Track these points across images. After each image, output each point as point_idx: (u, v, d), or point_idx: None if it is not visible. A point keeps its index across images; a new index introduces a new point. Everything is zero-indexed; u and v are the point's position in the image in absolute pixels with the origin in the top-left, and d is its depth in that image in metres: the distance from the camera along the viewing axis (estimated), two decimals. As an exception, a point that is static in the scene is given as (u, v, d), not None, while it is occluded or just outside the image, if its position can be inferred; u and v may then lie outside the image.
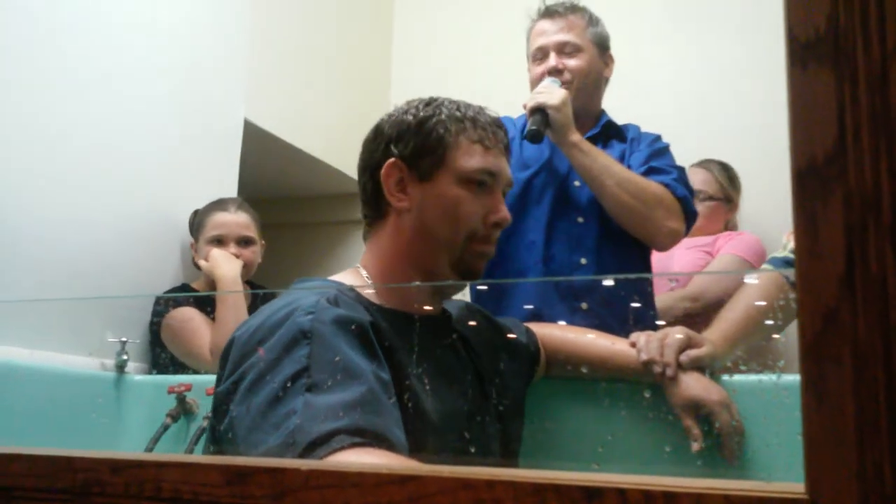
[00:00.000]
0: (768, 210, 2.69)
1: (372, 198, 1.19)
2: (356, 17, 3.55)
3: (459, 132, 1.17)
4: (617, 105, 2.02)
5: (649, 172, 1.76)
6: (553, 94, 1.70)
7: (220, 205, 2.22)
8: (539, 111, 1.68)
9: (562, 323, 1.54)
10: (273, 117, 2.89)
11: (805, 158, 0.39)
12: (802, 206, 0.39)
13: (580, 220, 1.78)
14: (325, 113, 3.22)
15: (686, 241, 2.56)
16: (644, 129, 1.96)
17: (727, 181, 2.62)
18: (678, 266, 2.47)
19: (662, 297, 2.35)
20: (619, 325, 1.59)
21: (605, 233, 1.76)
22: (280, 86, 2.99)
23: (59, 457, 0.56)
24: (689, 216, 1.77)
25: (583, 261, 1.76)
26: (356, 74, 3.46)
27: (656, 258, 2.48)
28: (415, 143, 1.16)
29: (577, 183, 1.79)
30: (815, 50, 0.39)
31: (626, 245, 1.76)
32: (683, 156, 2.57)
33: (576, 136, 1.70)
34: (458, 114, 1.18)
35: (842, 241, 0.37)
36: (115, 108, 2.16)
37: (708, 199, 2.58)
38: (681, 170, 1.82)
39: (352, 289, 1.12)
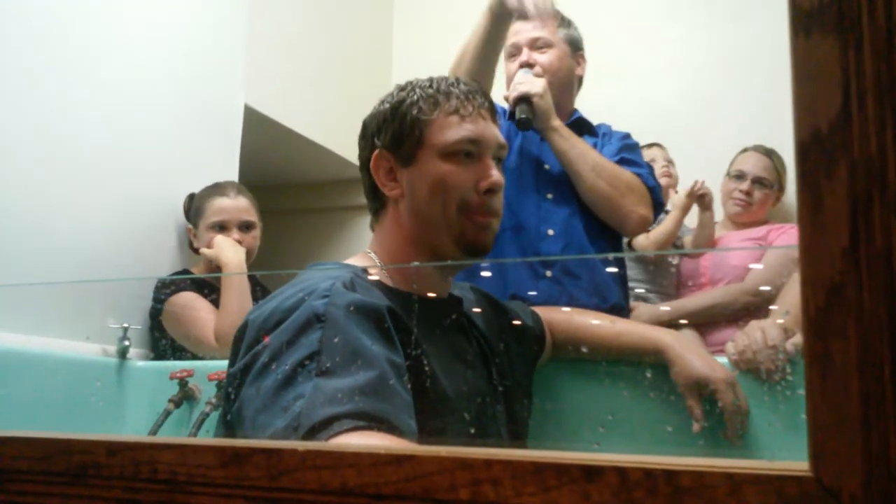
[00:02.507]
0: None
1: (370, 192, 1.21)
2: None
3: (433, 108, 1.16)
4: (620, 89, 2.02)
5: (621, 163, 1.83)
6: (534, 83, 1.76)
7: (218, 189, 2.21)
8: (523, 100, 1.74)
9: (566, 309, 1.54)
10: (273, 102, 2.88)
11: (808, 129, 0.38)
12: (805, 178, 0.38)
13: (549, 196, 1.83)
14: (326, 98, 3.21)
15: (738, 234, 2.58)
16: (646, 113, 1.99)
17: (782, 168, 2.64)
18: (735, 260, 2.50)
19: (722, 290, 2.39)
20: (586, 296, 1.69)
21: (574, 210, 1.81)
22: (280, 71, 2.97)
23: (54, 439, 0.55)
24: (657, 206, 1.85)
25: (550, 231, 1.80)
26: (357, 58, 3.45)
27: (711, 254, 2.50)
28: (393, 130, 1.17)
29: (546, 166, 1.85)
30: (818, 17, 0.38)
31: (595, 220, 1.81)
32: (685, 140, 2.57)
33: (556, 122, 1.77)
34: (430, 90, 1.18)
35: (846, 213, 0.36)
36: (114, 94, 2.15)
37: (768, 187, 2.60)
38: (650, 167, 1.91)
39: (365, 270, 1.12)
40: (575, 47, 1.96)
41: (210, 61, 2.52)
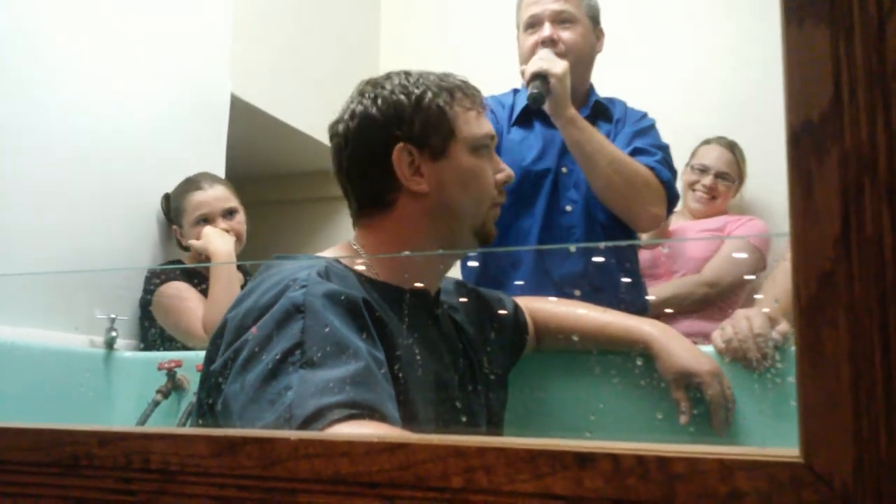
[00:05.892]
0: (760, 183, 2.73)
1: (376, 187, 1.14)
2: (344, -10, 3.52)
3: (455, 102, 1.15)
4: (614, 82, 2.00)
5: (633, 154, 1.75)
6: (555, 62, 1.65)
7: (192, 185, 2.20)
8: (540, 77, 1.63)
9: (552, 299, 1.53)
10: (261, 92, 2.86)
11: (800, 117, 0.38)
12: (797, 166, 0.38)
13: (568, 208, 1.77)
14: (313, 87, 3.20)
15: (695, 225, 2.59)
16: (638, 106, 1.92)
17: (743, 161, 2.66)
18: (692, 251, 2.51)
19: (679, 282, 2.42)
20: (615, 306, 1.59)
21: (591, 223, 1.76)
22: (268, 60, 2.96)
23: (45, 430, 0.55)
24: (672, 200, 1.77)
25: (572, 248, 1.76)
26: (345, 47, 3.44)
27: (668, 243, 2.51)
28: (420, 123, 1.12)
29: (563, 170, 1.78)
30: (810, 7, 0.38)
31: (612, 236, 1.76)
32: (680, 133, 2.57)
33: (572, 111, 1.67)
34: (444, 84, 1.16)
35: (837, 201, 0.37)
36: (101, 84, 2.14)
37: (730, 181, 2.63)
38: (664, 149, 1.80)
39: (337, 261, 1.10)
40: (595, 21, 1.85)
41: (197, 50, 2.50)
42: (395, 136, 1.11)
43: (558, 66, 1.64)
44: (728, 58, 3.00)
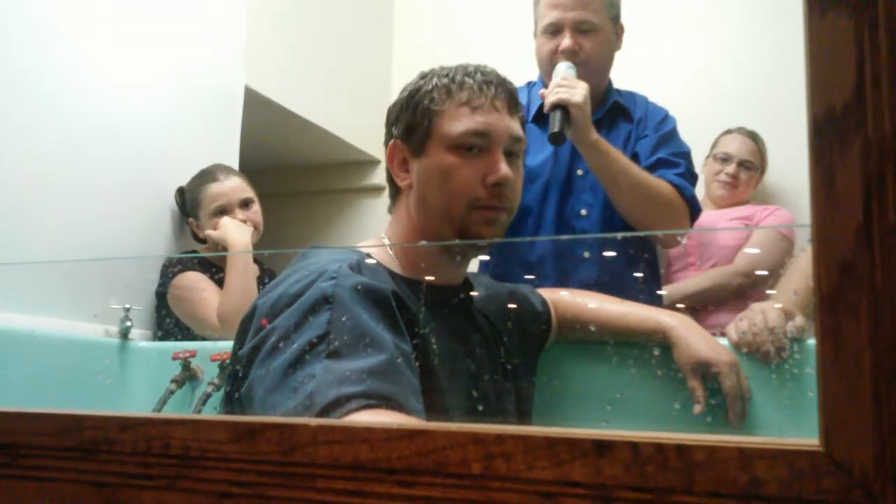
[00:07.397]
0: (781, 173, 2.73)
1: (389, 180, 1.22)
2: (358, -18, 3.51)
3: (445, 99, 1.15)
4: (628, 74, 2.00)
5: (658, 165, 1.74)
6: (575, 89, 1.60)
7: (207, 177, 2.21)
8: (560, 107, 1.58)
9: (572, 290, 1.54)
10: (275, 84, 2.87)
11: (822, 107, 0.38)
12: (819, 156, 0.38)
13: (583, 212, 1.76)
14: (327, 80, 3.20)
15: (723, 214, 2.59)
16: (651, 97, 1.91)
17: (765, 151, 2.68)
18: (723, 239, 2.51)
19: (714, 273, 2.41)
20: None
21: (608, 225, 1.75)
22: (282, 52, 2.96)
23: (66, 415, 0.56)
24: (694, 215, 1.76)
25: (586, 254, 1.75)
26: (359, 39, 3.43)
27: (697, 235, 2.50)
28: (406, 120, 1.17)
29: (579, 172, 1.77)
30: (834, -4, 0.38)
31: (632, 241, 1.77)
32: (692, 125, 2.57)
33: (594, 137, 1.63)
34: (445, 80, 1.16)
35: (859, 191, 0.37)
36: (115, 76, 2.14)
37: (753, 170, 2.64)
38: (686, 156, 1.80)
39: (369, 255, 1.13)
40: (616, 20, 1.82)
41: (211, 42, 2.50)
42: (391, 134, 1.20)
43: (578, 95, 1.59)
44: (747, 46, 2.98)
